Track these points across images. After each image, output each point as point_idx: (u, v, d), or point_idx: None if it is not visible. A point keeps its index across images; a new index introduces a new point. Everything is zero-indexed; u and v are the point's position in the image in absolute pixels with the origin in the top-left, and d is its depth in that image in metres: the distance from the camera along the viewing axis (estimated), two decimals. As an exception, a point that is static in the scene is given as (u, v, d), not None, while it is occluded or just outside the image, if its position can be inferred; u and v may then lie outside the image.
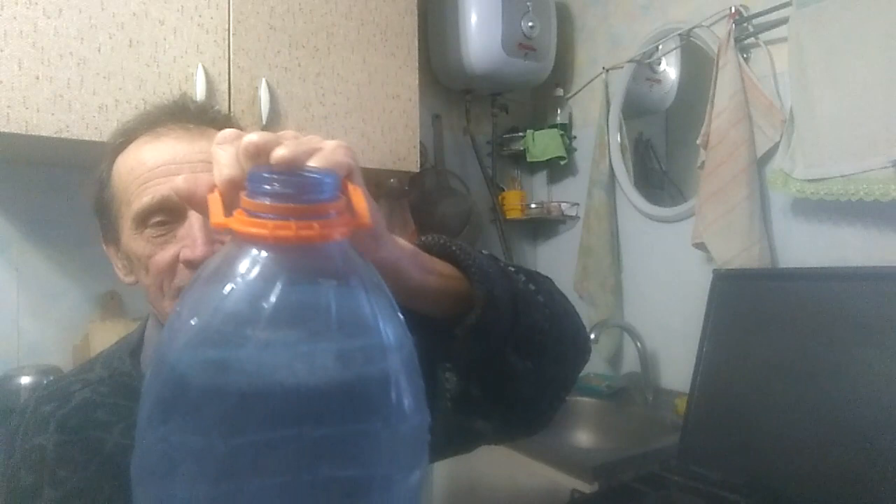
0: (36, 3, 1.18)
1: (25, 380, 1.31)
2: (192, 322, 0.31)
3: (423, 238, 0.51)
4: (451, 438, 0.63)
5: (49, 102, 1.19)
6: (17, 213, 1.45)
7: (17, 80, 1.16)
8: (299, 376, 0.30)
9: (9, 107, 1.15)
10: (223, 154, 0.36)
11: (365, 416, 0.31)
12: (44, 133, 1.18)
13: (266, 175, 0.32)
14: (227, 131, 0.38)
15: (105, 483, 0.62)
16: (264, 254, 0.31)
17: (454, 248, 0.51)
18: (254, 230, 0.31)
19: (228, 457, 0.29)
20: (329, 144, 0.37)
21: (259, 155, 0.35)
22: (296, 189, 0.32)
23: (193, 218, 0.60)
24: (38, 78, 1.18)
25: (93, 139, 1.23)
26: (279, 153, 0.34)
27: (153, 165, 0.61)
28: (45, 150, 1.33)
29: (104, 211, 0.66)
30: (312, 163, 0.35)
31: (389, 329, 0.33)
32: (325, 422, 0.30)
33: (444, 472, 1.71)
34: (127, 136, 0.65)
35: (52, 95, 1.19)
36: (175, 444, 0.31)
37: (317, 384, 0.30)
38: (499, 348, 0.52)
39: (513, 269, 0.56)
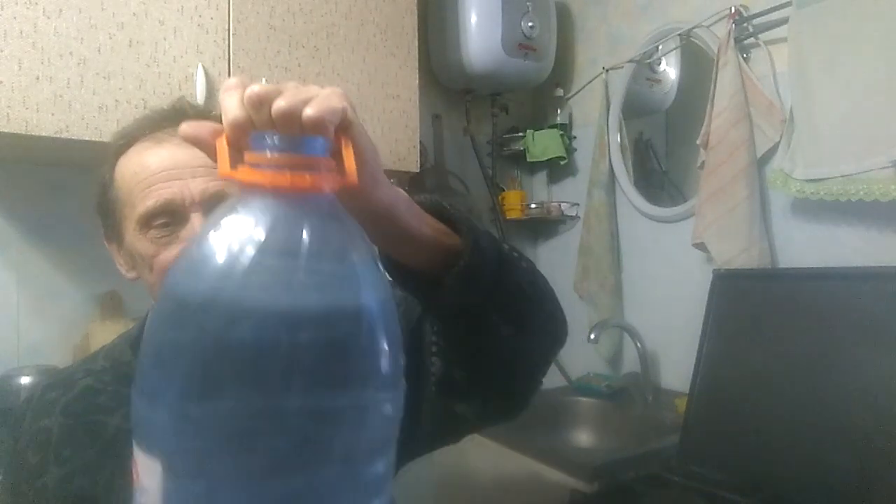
0: (36, 3, 1.18)
1: (25, 380, 1.31)
2: (196, 253, 0.36)
3: (417, 197, 0.53)
4: (436, 424, 0.67)
5: (49, 102, 1.19)
6: (17, 213, 1.45)
7: (17, 80, 1.16)
8: (280, 300, 0.35)
9: (9, 107, 1.15)
10: (230, 101, 0.39)
11: (342, 339, 0.36)
12: (44, 133, 1.18)
13: (268, 135, 0.37)
14: (233, 79, 0.41)
15: (107, 462, 0.66)
16: (263, 200, 0.36)
17: (446, 205, 0.55)
18: (255, 179, 0.36)
19: (216, 367, 0.34)
20: (324, 91, 0.40)
21: (262, 103, 0.38)
22: (293, 146, 0.37)
23: (194, 220, 0.64)
24: (38, 78, 1.18)
25: (93, 139, 1.23)
26: (279, 104, 0.38)
27: (156, 170, 0.65)
28: (45, 150, 1.33)
29: (107, 211, 0.70)
30: (309, 110, 0.38)
31: (365, 269, 0.38)
32: (305, 342, 0.34)
33: (444, 472, 1.71)
34: (128, 140, 0.69)
35: (52, 95, 1.19)
36: (169, 356, 0.35)
37: (295, 307, 0.35)
38: (483, 304, 0.55)
39: (506, 246, 0.59)
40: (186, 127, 0.41)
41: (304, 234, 0.36)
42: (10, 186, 1.44)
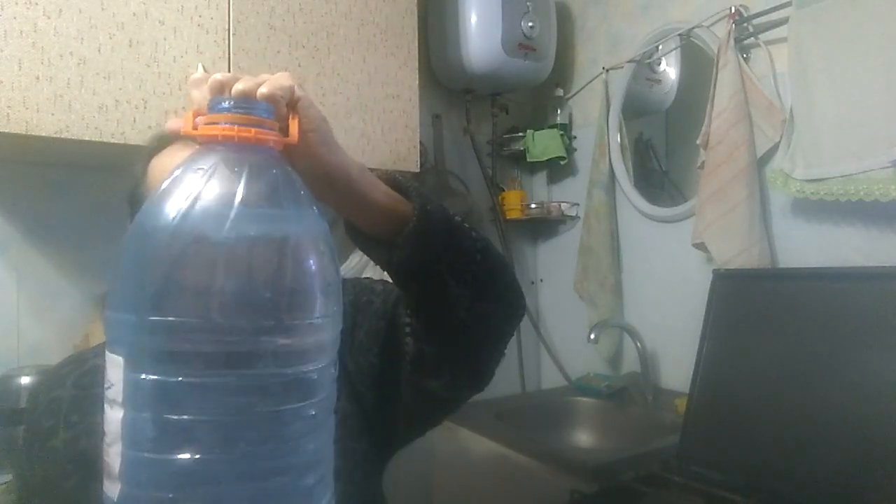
0: (36, 3, 1.18)
1: (25, 380, 1.31)
2: (160, 192, 0.44)
3: (374, 171, 0.60)
4: (414, 405, 0.74)
5: (49, 102, 1.19)
6: (17, 213, 1.45)
7: (17, 80, 1.16)
8: (219, 229, 0.42)
9: (9, 107, 1.15)
10: (197, 92, 0.50)
11: (268, 264, 0.43)
12: (44, 133, 1.18)
13: (223, 99, 0.46)
14: (197, 75, 0.51)
15: None
16: (215, 150, 0.45)
17: (399, 177, 0.63)
18: (209, 132, 0.45)
19: (166, 283, 0.42)
20: (275, 75, 0.48)
21: (223, 89, 0.48)
22: (241, 106, 0.46)
23: None
24: (38, 78, 1.18)
25: (93, 139, 1.23)
26: (237, 87, 0.47)
27: None
28: (45, 150, 1.33)
29: (138, 202, 0.77)
30: (262, 88, 0.46)
31: (296, 209, 0.46)
32: (236, 265, 0.42)
33: (444, 472, 1.71)
34: (161, 142, 0.77)
35: (52, 95, 1.19)
36: (131, 273, 0.44)
37: (231, 236, 0.42)
38: (435, 265, 0.61)
39: (457, 216, 0.66)
40: (171, 124, 0.49)
41: (238, 176, 0.43)
42: (10, 186, 1.44)
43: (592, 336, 1.69)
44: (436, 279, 0.62)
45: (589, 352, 1.92)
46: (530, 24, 1.88)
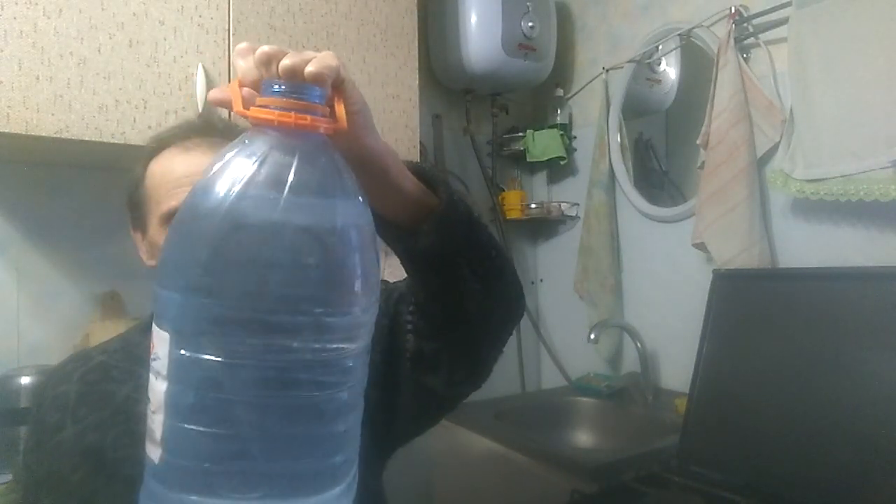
0: (36, 3, 1.18)
1: (25, 380, 1.31)
2: (212, 173, 0.44)
3: (402, 162, 0.60)
4: (412, 400, 0.75)
5: (49, 102, 1.19)
6: (17, 213, 1.45)
7: (17, 80, 1.16)
8: (271, 215, 0.42)
9: (9, 107, 1.15)
10: (243, 62, 0.48)
11: (319, 253, 0.44)
12: (44, 133, 1.18)
13: (276, 82, 0.45)
14: (244, 45, 0.49)
15: (115, 423, 0.75)
16: (269, 134, 0.44)
17: (426, 167, 0.63)
18: (265, 116, 0.44)
19: (214, 264, 0.42)
20: (321, 54, 0.47)
21: (270, 61, 0.47)
22: (296, 92, 0.45)
23: None
24: (38, 78, 1.18)
25: (93, 139, 1.23)
26: (285, 62, 0.46)
27: (181, 174, 0.74)
28: (45, 150, 1.33)
29: (136, 204, 0.80)
30: (310, 66, 0.45)
31: (346, 197, 0.46)
32: (287, 251, 0.43)
33: (444, 472, 1.72)
34: (160, 145, 0.78)
35: (52, 95, 1.19)
36: (180, 252, 0.44)
37: (283, 222, 0.42)
38: (456, 256, 0.62)
39: (476, 211, 0.66)
40: (214, 93, 0.49)
41: (298, 163, 0.44)
42: (10, 186, 1.44)
43: (592, 336, 1.69)
44: (454, 271, 0.63)
45: (589, 352, 1.92)
46: (530, 24, 1.88)
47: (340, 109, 0.48)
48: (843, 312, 1.21)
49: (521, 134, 2.10)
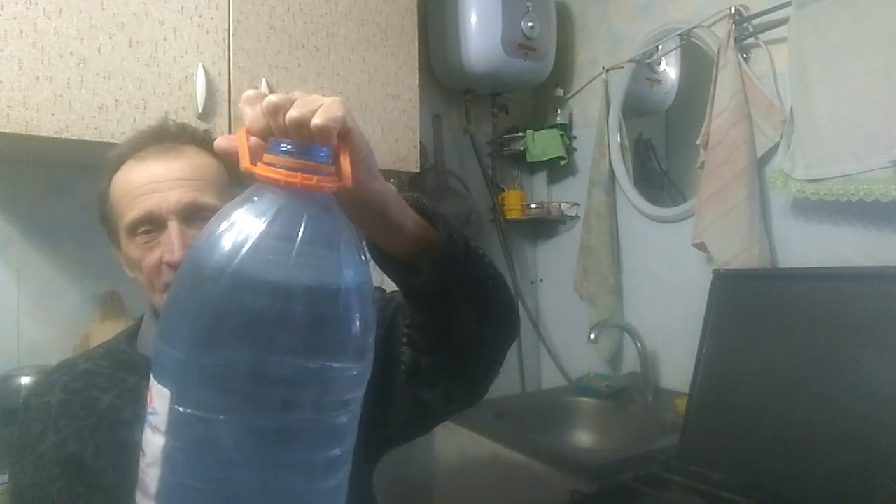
0: (36, 3, 1.18)
1: (25, 380, 1.31)
2: (217, 229, 0.44)
3: (402, 194, 0.61)
4: (406, 412, 0.76)
5: (49, 102, 1.19)
6: (17, 213, 1.45)
7: (17, 80, 1.16)
8: (278, 274, 0.43)
9: (9, 107, 1.15)
10: (251, 110, 0.48)
11: (324, 311, 0.44)
12: (44, 133, 1.18)
13: (283, 142, 0.45)
14: (252, 92, 0.49)
15: (98, 431, 0.76)
16: (275, 193, 0.45)
17: (425, 202, 0.63)
18: (272, 175, 0.44)
19: (220, 323, 0.43)
20: (327, 101, 0.47)
21: (278, 111, 0.47)
22: (303, 153, 0.45)
23: (171, 227, 0.74)
24: (38, 78, 1.18)
25: (93, 139, 1.23)
26: (292, 114, 0.46)
27: (138, 185, 0.76)
28: (45, 150, 1.33)
29: (106, 220, 0.81)
30: (316, 119, 0.46)
31: (350, 257, 0.46)
32: (294, 311, 0.43)
33: (444, 472, 1.71)
34: (120, 159, 0.79)
35: (52, 95, 1.19)
36: (185, 310, 0.44)
37: (289, 281, 0.43)
38: (453, 290, 0.63)
39: (474, 243, 0.67)
40: (221, 141, 0.50)
41: (305, 224, 0.44)
42: (10, 186, 1.44)
43: (592, 336, 1.69)
44: (449, 303, 0.64)
45: (589, 352, 1.92)
46: (530, 24, 1.88)
47: (346, 163, 0.48)
48: (843, 312, 1.21)
49: (521, 134, 2.10)
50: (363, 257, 0.48)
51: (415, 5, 1.68)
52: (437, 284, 0.62)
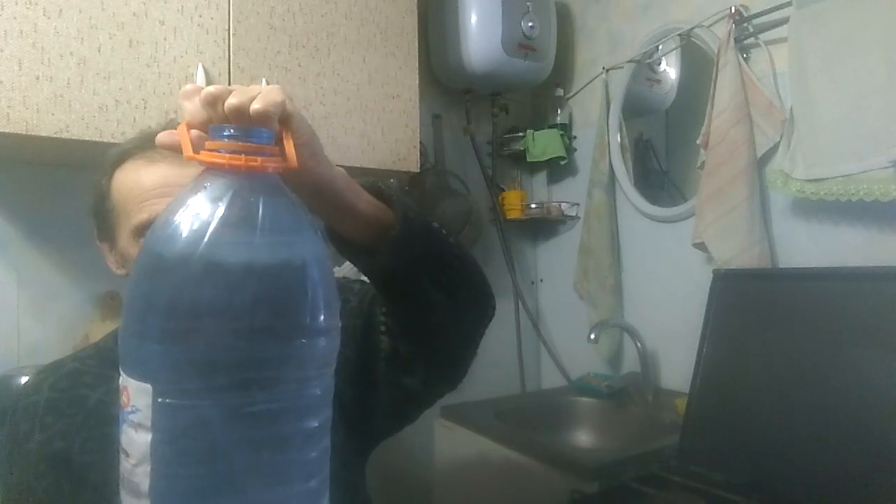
0: (36, 3, 1.18)
1: (25, 380, 1.30)
2: (170, 218, 0.45)
3: (359, 180, 0.62)
4: (390, 400, 0.77)
5: (49, 102, 1.19)
6: (17, 213, 1.45)
7: (17, 80, 1.16)
8: (235, 256, 0.44)
9: (9, 107, 1.15)
10: (189, 104, 0.49)
11: (283, 287, 0.46)
12: (44, 133, 1.18)
13: (224, 126, 0.46)
14: (190, 86, 0.50)
15: (85, 428, 0.76)
16: (222, 177, 0.45)
17: (381, 185, 0.64)
18: (216, 160, 0.45)
19: (189, 309, 0.43)
20: (266, 88, 0.48)
21: (216, 102, 0.47)
22: (245, 135, 0.46)
23: None
24: (38, 78, 1.18)
25: (93, 139, 1.23)
26: (230, 101, 0.47)
27: (149, 187, 0.74)
28: (45, 150, 1.33)
29: (103, 216, 0.80)
30: (255, 104, 0.46)
31: (302, 233, 0.47)
32: (253, 290, 0.44)
33: (444, 472, 1.71)
34: (124, 155, 0.78)
35: (52, 95, 1.19)
36: (152, 301, 0.44)
37: (246, 262, 0.44)
38: (414, 270, 0.64)
39: (436, 223, 0.68)
40: (162, 136, 0.50)
41: (254, 206, 0.45)
42: (10, 186, 1.44)
43: (592, 336, 1.69)
44: (414, 284, 0.65)
45: (589, 352, 1.92)
46: (530, 24, 1.88)
47: (290, 146, 0.49)
48: (843, 312, 1.21)
49: (521, 134, 2.10)
50: (318, 233, 0.49)
51: (415, 5, 1.68)
52: (397, 264, 0.62)
